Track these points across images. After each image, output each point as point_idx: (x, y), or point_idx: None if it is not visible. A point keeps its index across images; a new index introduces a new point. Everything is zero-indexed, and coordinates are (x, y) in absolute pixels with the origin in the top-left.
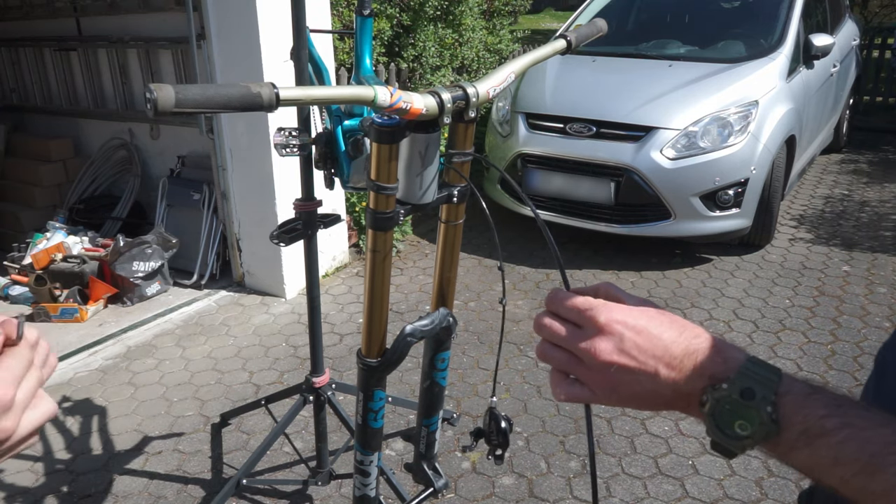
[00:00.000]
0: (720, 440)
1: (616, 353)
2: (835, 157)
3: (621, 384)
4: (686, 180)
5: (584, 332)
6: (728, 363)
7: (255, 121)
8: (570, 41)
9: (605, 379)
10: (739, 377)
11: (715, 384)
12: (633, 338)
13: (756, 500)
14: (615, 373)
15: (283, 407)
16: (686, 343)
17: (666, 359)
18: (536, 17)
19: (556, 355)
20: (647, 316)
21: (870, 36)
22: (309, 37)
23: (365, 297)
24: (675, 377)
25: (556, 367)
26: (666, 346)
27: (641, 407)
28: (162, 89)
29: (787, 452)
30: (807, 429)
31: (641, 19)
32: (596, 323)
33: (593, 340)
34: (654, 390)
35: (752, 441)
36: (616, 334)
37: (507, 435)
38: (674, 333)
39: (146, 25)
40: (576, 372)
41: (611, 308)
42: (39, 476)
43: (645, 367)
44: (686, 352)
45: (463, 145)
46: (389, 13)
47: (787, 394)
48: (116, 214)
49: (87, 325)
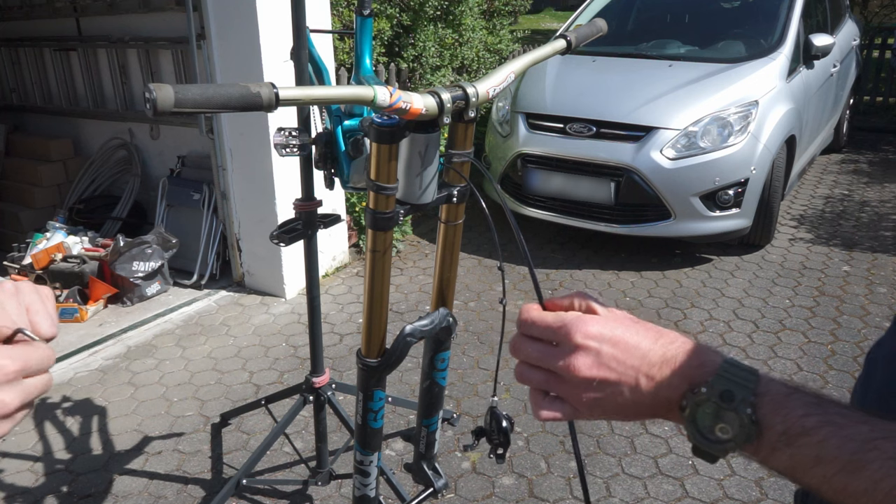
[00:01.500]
0: (702, 445)
1: (595, 368)
2: (835, 157)
3: (602, 398)
4: (686, 180)
5: (560, 349)
6: (705, 366)
7: (255, 121)
8: (570, 41)
9: (585, 395)
10: (717, 380)
11: (694, 388)
12: (609, 350)
13: (756, 500)
14: (596, 387)
15: (283, 407)
16: (662, 350)
17: (644, 368)
18: (536, 17)
19: (535, 376)
20: (622, 326)
21: (870, 36)
22: (309, 37)
23: (365, 297)
24: (655, 385)
25: (535, 387)
26: (643, 355)
27: (625, 418)
28: (161, 89)
29: (768, 455)
30: (787, 429)
31: (641, 19)
32: (571, 339)
33: (571, 357)
34: (635, 400)
35: (733, 444)
36: (593, 349)
37: (509, 434)
38: (649, 341)
39: (146, 25)
40: (556, 389)
41: (585, 321)
42: (39, 476)
43: (625, 378)
44: (663, 358)
45: (463, 145)
46: (389, 13)
47: (765, 394)
48: (116, 214)
49: (87, 325)
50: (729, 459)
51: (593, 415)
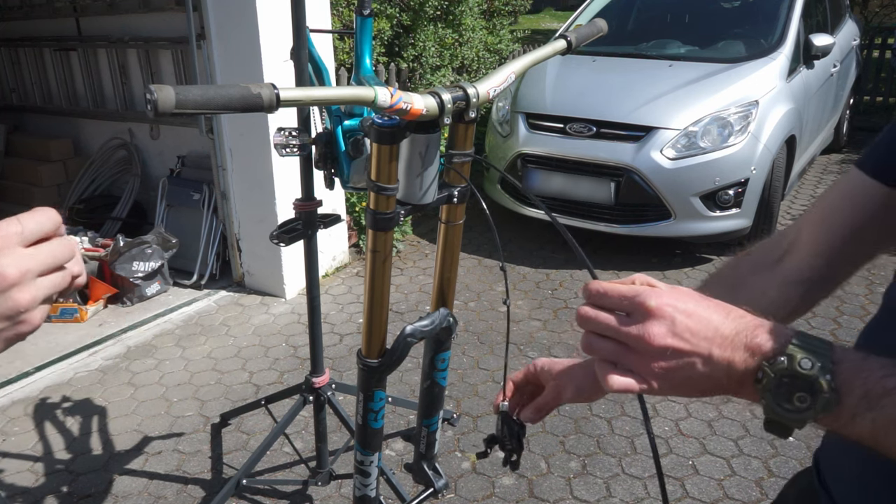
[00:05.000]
0: (779, 416)
1: (670, 337)
2: (835, 157)
3: (674, 369)
4: (686, 180)
5: (633, 318)
6: (779, 338)
7: (255, 121)
8: (570, 41)
9: (657, 365)
10: (795, 349)
11: (769, 360)
12: (684, 321)
13: (756, 500)
14: (669, 356)
15: (283, 407)
16: (734, 324)
17: (717, 340)
18: (536, 17)
19: (604, 346)
20: (694, 299)
21: (870, 36)
22: (309, 37)
23: (365, 297)
24: (729, 357)
25: (603, 358)
26: (716, 328)
27: (692, 393)
28: (162, 90)
29: (848, 422)
30: (867, 391)
31: (641, 19)
32: (647, 308)
33: (645, 325)
34: (707, 373)
35: (812, 413)
36: (668, 317)
37: (522, 439)
38: (721, 316)
39: (146, 25)
40: (625, 360)
41: (659, 293)
42: (39, 476)
43: (698, 349)
44: (736, 331)
45: (463, 146)
46: (389, 13)
47: (842, 361)
48: (116, 214)
49: (86, 325)
50: (729, 459)
51: (662, 387)
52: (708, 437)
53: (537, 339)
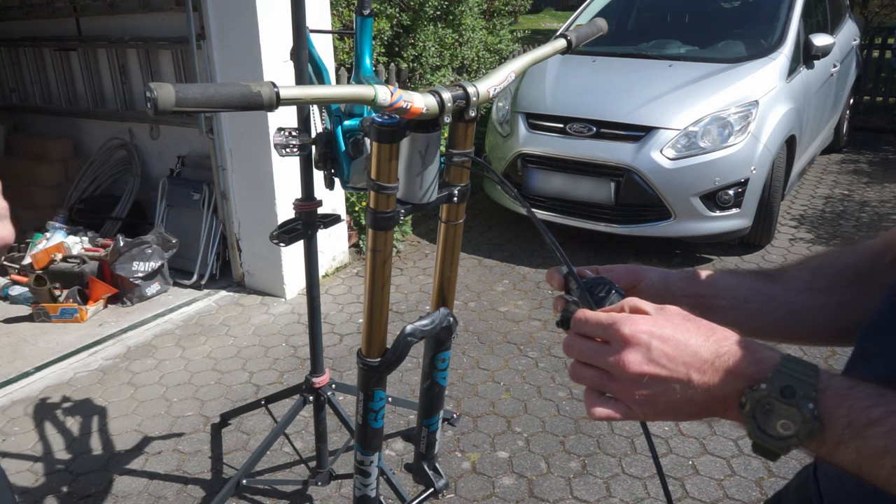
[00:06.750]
0: (763, 442)
1: (646, 364)
2: (835, 157)
3: (655, 395)
4: (686, 180)
5: (611, 346)
6: (763, 363)
7: (255, 121)
8: (570, 41)
9: (638, 392)
10: (777, 376)
11: (752, 385)
12: (660, 346)
13: (756, 500)
14: (647, 383)
15: (283, 407)
16: (715, 347)
17: (696, 364)
18: (536, 17)
19: (588, 374)
20: (672, 324)
21: (870, 36)
22: (309, 37)
23: (365, 297)
24: (708, 381)
25: (589, 386)
26: (694, 352)
27: (679, 417)
28: (162, 88)
29: (833, 449)
30: (851, 421)
31: (641, 19)
32: (622, 336)
33: (621, 353)
34: (689, 397)
35: (796, 440)
36: (643, 344)
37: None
38: (700, 339)
39: (146, 25)
40: (609, 388)
41: (634, 320)
42: (39, 476)
43: (676, 375)
44: (716, 354)
45: (463, 145)
46: (389, 13)
47: (827, 389)
48: (116, 214)
49: (86, 326)
50: (729, 459)
51: (647, 414)
52: (708, 437)
53: (537, 339)
